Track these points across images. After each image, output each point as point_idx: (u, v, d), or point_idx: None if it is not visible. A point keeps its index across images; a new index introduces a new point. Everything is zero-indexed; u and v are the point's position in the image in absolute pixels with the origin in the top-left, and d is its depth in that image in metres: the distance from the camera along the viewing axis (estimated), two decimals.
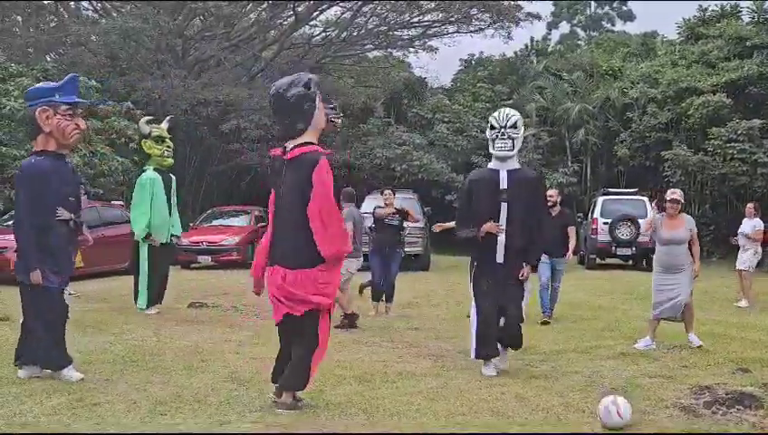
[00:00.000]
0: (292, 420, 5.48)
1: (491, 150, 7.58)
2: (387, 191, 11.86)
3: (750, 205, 14.15)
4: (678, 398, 6.34)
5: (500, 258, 7.27)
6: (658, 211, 9.51)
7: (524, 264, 7.34)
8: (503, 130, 7.41)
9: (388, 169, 28.74)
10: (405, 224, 12.05)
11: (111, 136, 21.77)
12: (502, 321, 7.31)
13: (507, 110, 7.70)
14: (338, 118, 6.47)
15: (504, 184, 7.34)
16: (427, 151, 29.13)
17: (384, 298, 11.57)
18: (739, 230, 13.80)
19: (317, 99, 5.82)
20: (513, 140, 7.38)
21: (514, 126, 7.42)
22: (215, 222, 22.64)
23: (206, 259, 20.21)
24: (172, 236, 11.68)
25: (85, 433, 5.09)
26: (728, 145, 24.55)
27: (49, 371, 6.68)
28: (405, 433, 5.25)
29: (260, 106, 27.27)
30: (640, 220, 19.12)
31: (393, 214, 11.61)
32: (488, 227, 7.22)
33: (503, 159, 7.44)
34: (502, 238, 7.23)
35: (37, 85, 7.84)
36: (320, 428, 5.32)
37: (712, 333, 9.79)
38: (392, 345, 8.87)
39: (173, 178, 11.71)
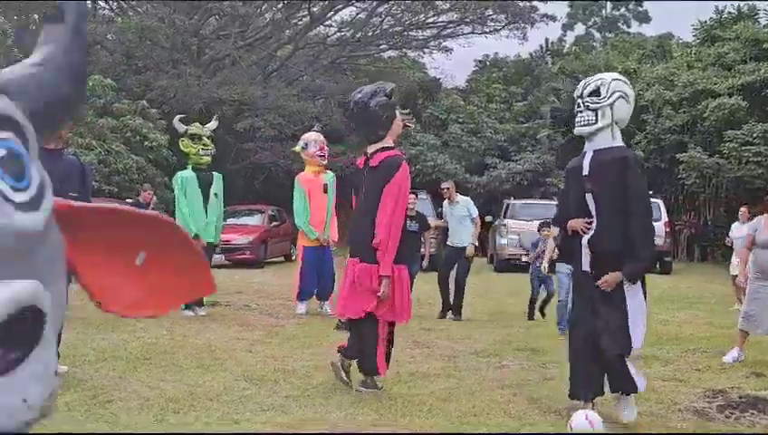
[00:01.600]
0: (297, 420, 5.50)
1: None
2: (410, 196, 11.41)
3: (743, 208, 13.61)
4: (692, 401, 6.31)
5: (586, 265, 5.68)
6: (747, 220, 9.11)
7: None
8: (579, 100, 5.81)
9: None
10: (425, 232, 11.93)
11: (126, 134, 21.90)
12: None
13: (593, 77, 6.07)
14: (411, 123, 7.08)
15: (586, 169, 5.70)
16: (441, 152, 29.14)
17: None
18: (732, 235, 13.29)
19: (397, 107, 6.47)
20: (594, 111, 5.62)
21: (596, 93, 5.66)
22: (228, 221, 22.65)
23: (218, 258, 20.24)
24: (208, 243, 11.09)
25: (98, 433, 5.10)
26: (744, 148, 24.40)
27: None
28: (414, 433, 5.25)
29: (275, 105, 27.35)
30: (654, 223, 19.01)
31: (412, 218, 11.52)
32: (573, 223, 5.76)
33: (588, 138, 5.76)
34: (585, 239, 5.66)
35: None
36: (331, 428, 5.33)
37: (726, 336, 9.72)
38: (404, 345, 8.86)
39: (215, 175, 11.34)
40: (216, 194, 11.28)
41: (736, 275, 12.67)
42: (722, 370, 7.73)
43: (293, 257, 22.85)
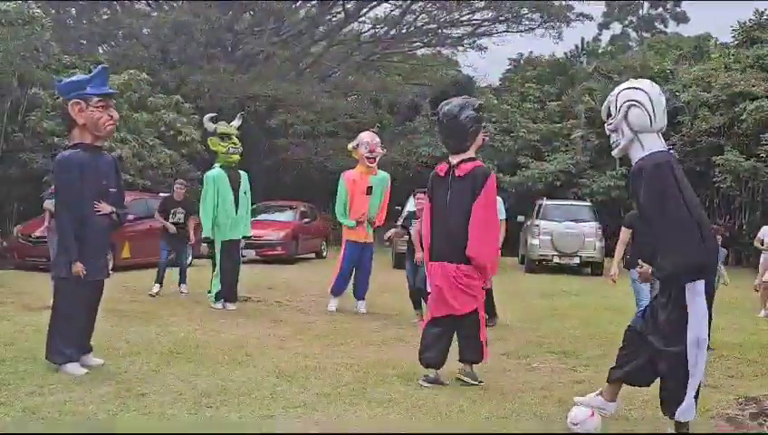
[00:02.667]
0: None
1: None
2: (420, 194, 10.78)
3: None
4: (724, 408, 6.26)
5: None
6: None
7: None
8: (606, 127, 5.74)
9: (434, 167, 28.71)
10: None
11: (161, 128, 22.08)
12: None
13: (610, 96, 5.74)
14: (487, 135, 7.75)
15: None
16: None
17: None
18: (762, 238, 13.19)
19: (484, 121, 7.00)
20: (615, 131, 5.57)
21: (609, 114, 5.63)
22: (260, 217, 22.77)
23: (250, 253, 20.35)
24: (243, 237, 11.56)
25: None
26: None
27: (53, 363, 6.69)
28: (429, 432, 5.25)
29: (307, 101, 27.41)
30: None
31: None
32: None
33: (630, 157, 5.55)
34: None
35: (67, 79, 7.86)
36: (364, 427, 5.35)
37: (760, 343, 9.63)
38: None
39: (242, 174, 11.56)
40: (245, 192, 11.51)
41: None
42: (755, 377, 7.65)
43: (324, 254, 22.97)
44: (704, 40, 36.11)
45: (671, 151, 5.50)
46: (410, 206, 21.74)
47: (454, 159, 6.94)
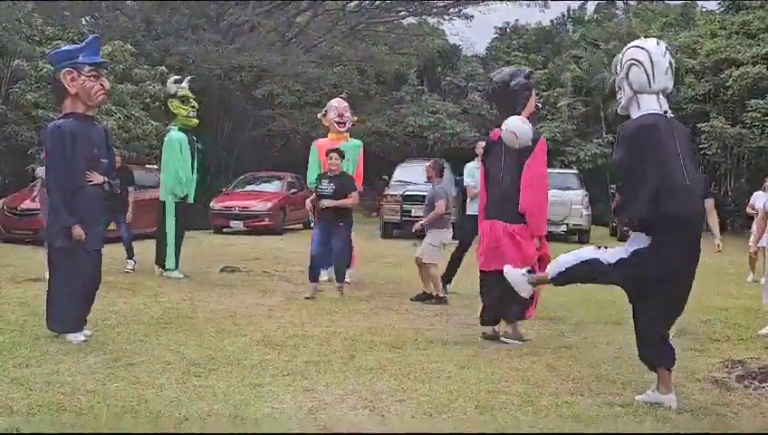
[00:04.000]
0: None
1: None
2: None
3: None
4: (710, 371, 6.31)
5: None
6: None
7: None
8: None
9: (421, 137, 28.69)
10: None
11: (146, 100, 21.90)
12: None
13: (620, 54, 5.77)
14: (540, 100, 8.20)
15: None
16: (460, 120, 29.00)
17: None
18: (756, 205, 12.72)
19: (533, 87, 7.40)
20: (620, 88, 5.65)
21: (617, 70, 5.70)
22: (247, 187, 22.74)
23: (237, 224, 20.34)
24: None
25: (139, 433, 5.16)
26: (767, 118, 24.15)
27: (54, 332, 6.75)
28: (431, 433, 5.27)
29: (293, 72, 27.24)
30: None
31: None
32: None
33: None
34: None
35: (59, 48, 7.78)
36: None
37: (745, 307, 9.72)
38: (423, 313, 8.91)
39: (195, 139, 11.54)
40: (200, 153, 11.54)
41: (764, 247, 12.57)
42: (740, 340, 7.71)
43: (312, 225, 22.92)
44: (689, 7, 36.08)
45: (667, 114, 5.46)
46: (398, 175, 21.81)
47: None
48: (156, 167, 18.57)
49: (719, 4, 31.61)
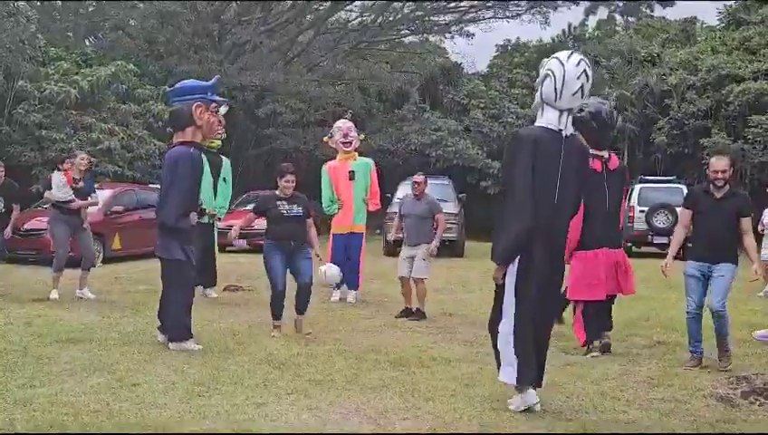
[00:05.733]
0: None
1: None
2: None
3: None
4: (715, 387, 6.30)
5: None
6: None
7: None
8: None
9: (423, 154, 28.69)
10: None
11: (149, 120, 21.99)
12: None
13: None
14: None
15: None
16: (463, 137, 29.02)
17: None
18: (764, 219, 13.12)
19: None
20: (535, 91, 5.77)
21: (539, 72, 5.75)
22: (250, 206, 22.70)
23: (241, 243, 20.28)
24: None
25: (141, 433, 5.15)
26: None
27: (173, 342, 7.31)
28: (434, 433, 5.26)
29: (296, 90, 27.31)
30: (677, 208, 18.85)
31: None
32: None
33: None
34: None
35: (187, 82, 8.23)
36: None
37: (749, 323, 9.69)
38: (426, 331, 8.90)
39: (224, 160, 11.46)
40: (224, 179, 11.38)
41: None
42: (745, 356, 7.70)
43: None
44: (690, 23, 36.18)
45: (562, 132, 5.47)
46: (400, 193, 21.80)
47: (605, 154, 7.65)
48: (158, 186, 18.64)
49: (719, 20, 31.72)
